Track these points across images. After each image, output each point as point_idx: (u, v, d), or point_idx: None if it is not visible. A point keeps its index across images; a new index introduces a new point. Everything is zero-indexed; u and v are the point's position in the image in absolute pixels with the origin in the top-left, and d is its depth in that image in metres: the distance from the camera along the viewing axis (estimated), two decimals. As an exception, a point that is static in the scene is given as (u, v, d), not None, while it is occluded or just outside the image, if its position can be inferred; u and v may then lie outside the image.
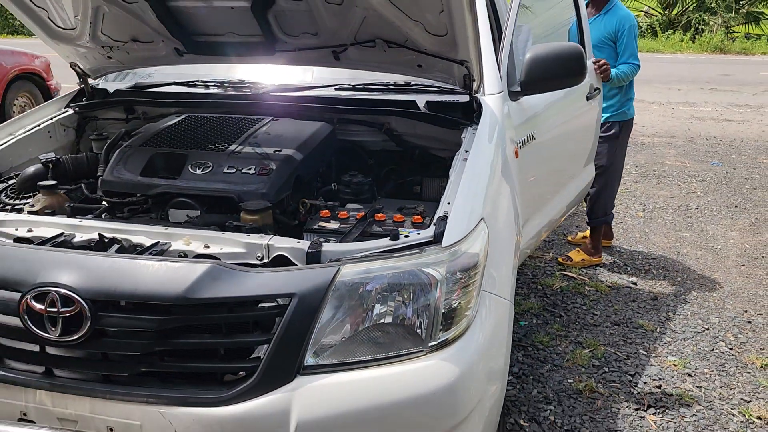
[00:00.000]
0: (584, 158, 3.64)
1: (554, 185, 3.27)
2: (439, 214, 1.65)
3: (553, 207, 3.27)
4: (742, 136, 7.87)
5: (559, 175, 3.36)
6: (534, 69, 2.43)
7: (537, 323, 3.33)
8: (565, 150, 3.36)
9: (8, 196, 2.03)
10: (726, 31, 18.00)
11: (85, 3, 2.21)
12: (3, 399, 1.52)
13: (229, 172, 1.95)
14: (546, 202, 3.16)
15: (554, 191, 3.28)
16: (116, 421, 1.45)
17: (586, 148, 3.63)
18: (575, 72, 2.47)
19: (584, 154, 3.63)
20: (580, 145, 3.54)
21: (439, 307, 1.50)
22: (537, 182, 2.92)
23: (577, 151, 3.52)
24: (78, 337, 1.43)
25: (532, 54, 2.44)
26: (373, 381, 1.45)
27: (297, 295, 1.42)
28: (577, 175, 3.57)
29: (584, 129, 3.54)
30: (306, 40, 2.21)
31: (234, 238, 1.60)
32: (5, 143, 2.26)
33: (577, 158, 3.56)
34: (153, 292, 1.42)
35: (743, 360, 3.02)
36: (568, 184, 3.45)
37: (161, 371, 1.47)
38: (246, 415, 1.41)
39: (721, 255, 4.27)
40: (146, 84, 2.61)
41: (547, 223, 3.18)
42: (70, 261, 1.48)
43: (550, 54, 2.43)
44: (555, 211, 3.28)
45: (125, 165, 2.02)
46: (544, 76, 2.45)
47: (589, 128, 3.61)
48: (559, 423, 2.55)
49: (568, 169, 3.49)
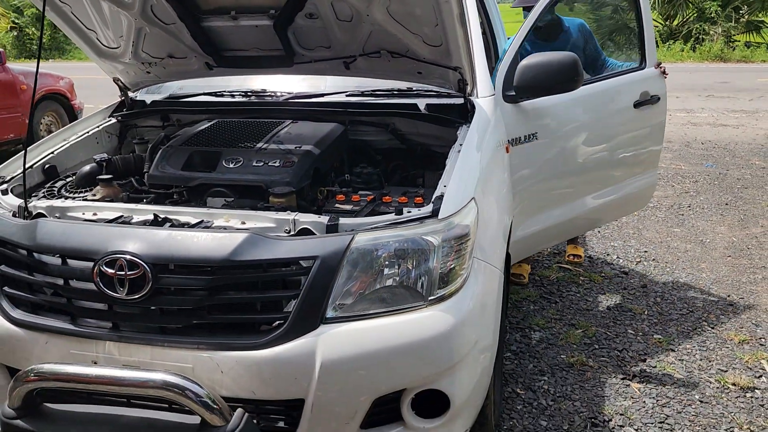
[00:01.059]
0: (629, 170, 3.50)
1: (568, 189, 3.30)
2: (436, 194, 1.96)
3: (569, 210, 3.29)
4: (737, 139, 8.14)
5: (579, 180, 3.32)
6: (526, 76, 2.71)
7: (534, 309, 3.62)
8: (583, 155, 3.29)
9: (68, 191, 2.36)
10: (726, 40, 18.29)
11: (129, 25, 2.56)
12: (78, 351, 1.84)
13: (257, 165, 2.27)
14: (556, 204, 3.24)
15: (568, 196, 3.31)
16: (172, 365, 1.76)
17: (634, 159, 3.48)
18: (569, 78, 2.68)
19: (629, 166, 3.49)
20: (621, 156, 3.42)
21: (436, 269, 1.81)
22: (540, 182, 3.13)
23: (617, 161, 3.41)
24: (141, 296, 1.75)
25: (526, 62, 2.73)
26: (383, 328, 1.76)
27: (319, 257, 1.74)
28: (613, 186, 3.48)
29: (625, 137, 3.42)
30: (320, 53, 2.55)
31: (266, 215, 1.92)
32: (61, 148, 2.61)
33: (617, 169, 3.46)
34: (202, 256, 1.74)
35: (723, 337, 3.30)
36: (593, 193, 3.40)
37: (209, 323, 1.78)
38: (279, 356, 1.72)
39: (710, 248, 4.54)
40: (179, 95, 2.96)
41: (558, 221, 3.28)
42: (133, 233, 1.81)
43: (543, 62, 2.68)
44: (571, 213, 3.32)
45: (168, 162, 2.35)
46: (535, 83, 2.71)
47: (638, 138, 3.45)
48: (552, 391, 2.84)
49: (598, 177, 3.40)
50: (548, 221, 3.28)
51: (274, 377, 1.73)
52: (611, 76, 3.50)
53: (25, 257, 1.91)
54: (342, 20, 2.35)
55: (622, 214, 3.99)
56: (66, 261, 1.84)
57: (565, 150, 3.21)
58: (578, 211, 3.42)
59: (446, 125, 2.48)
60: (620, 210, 3.80)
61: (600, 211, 3.56)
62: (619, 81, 3.45)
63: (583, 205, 3.42)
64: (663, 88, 3.48)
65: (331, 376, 1.71)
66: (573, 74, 2.69)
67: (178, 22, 2.47)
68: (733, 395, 2.80)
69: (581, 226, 3.70)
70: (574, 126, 3.25)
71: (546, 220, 3.27)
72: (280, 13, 2.35)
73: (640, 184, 3.62)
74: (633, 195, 3.63)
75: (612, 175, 3.50)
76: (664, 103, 3.49)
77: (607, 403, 2.74)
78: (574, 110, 3.21)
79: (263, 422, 1.83)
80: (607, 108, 3.36)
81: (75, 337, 1.84)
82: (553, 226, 3.33)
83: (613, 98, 3.37)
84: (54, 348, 1.86)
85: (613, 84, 3.42)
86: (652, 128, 3.51)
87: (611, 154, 3.42)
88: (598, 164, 3.40)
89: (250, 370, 1.73)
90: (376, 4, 2.21)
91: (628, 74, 3.51)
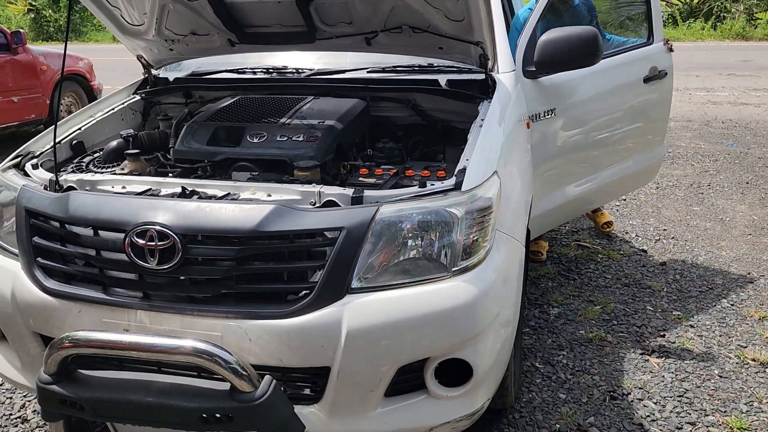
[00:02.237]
0: (640, 144, 3.59)
1: (583, 164, 3.37)
2: (459, 167, 1.98)
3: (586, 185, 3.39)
4: (758, 118, 8.03)
5: (594, 155, 3.39)
6: (546, 51, 2.72)
7: (552, 286, 3.63)
8: (603, 132, 3.36)
9: (96, 166, 2.41)
10: (748, 18, 17.92)
11: (152, 2, 2.58)
12: (110, 320, 1.89)
13: (281, 140, 2.30)
14: (572, 179, 3.32)
15: (585, 171, 3.38)
16: (202, 333, 1.80)
17: (644, 133, 3.57)
18: (588, 53, 2.70)
19: (640, 140, 3.58)
20: (632, 130, 3.49)
21: (460, 241, 1.84)
22: (558, 157, 3.16)
23: (626, 136, 3.49)
24: (171, 266, 1.79)
25: (546, 37, 2.73)
26: (407, 298, 1.79)
27: (345, 228, 1.77)
28: (624, 160, 3.56)
29: (641, 113, 3.49)
30: (342, 29, 2.56)
31: (291, 188, 1.95)
32: (87, 124, 2.65)
33: (627, 143, 3.53)
34: (231, 227, 1.78)
35: (742, 313, 3.30)
36: (608, 167, 3.47)
37: (237, 292, 1.82)
38: (306, 325, 1.76)
39: (729, 226, 4.52)
40: (202, 72, 2.98)
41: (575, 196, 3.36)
42: (163, 205, 1.85)
43: (563, 37, 2.69)
44: (587, 189, 3.41)
45: (193, 137, 2.39)
46: (555, 58, 2.72)
47: (648, 113, 3.53)
48: (570, 365, 2.87)
49: (611, 152, 3.47)
50: (566, 196, 3.33)
51: (300, 345, 1.77)
52: (621, 52, 3.53)
53: (58, 229, 1.96)
54: (364, -6, 2.35)
55: (632, 188, 4.07)
56: (98, 232, 1.89)
57: (582, 125, 3.26)
58: (594, 185, 3.48)
59: (467, 101, 2.49)
60: (632, 184, 3.86)
61: (614, 185, 3.63)
62: (629, 56, 3.50)
63: (599, 180, 3.49)
64: (670, 64, 3.56)
65: (357, 344, 1.75)
66: (593, 48, 2.71)
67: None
68: (753, 370, 2.81)
69: (596, 200, 3.77)
70: (589, 101, 3.29)
71: (564, 196, 3.32)
72: (303, -11, 2.36)
73: (650, 157, 3.71)
74: (644, 169, 3.72)
75: (625, 149, 3.57)
76: (671, 78, 3.57)
77: (626, 377, 2.77)
78: (589, 85, 3.24)
79: (290, 389, 1.87)
80: (620, 83, 3.41)
81: (107, 306, 1.89)
82: (571, 200, 3.39)
83: (625, 73, 3.42)
84: (87, 317, 1.91)
85: (624, 59, 3.47)
86: (661, 103, 3.60)
87: (624, 128, 3.49)
88: (612, 139, 3.47)
89: (277, 339, 1.77)
90: (399, -22, 2.22)
91: (637, 50, 3.56)
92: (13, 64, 6.73)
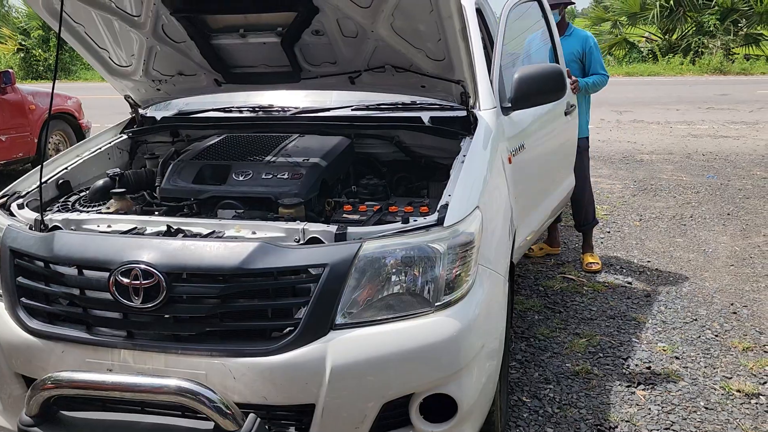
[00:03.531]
0: (566, 168, 4.06)
1: (541, 193, 3.63)
2: (441, 203, 2.02)
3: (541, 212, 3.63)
4: (738, 150, 8.20)
5: (546, 183, 3.72)
6: (522, 86, 2.82)
7: (538, 319, 3.65)
8: (549, 161, 3.73)
9: (81, 205, 2.42)
10: (725, 53, 18.41)
11: (140, 43, 2.64)
12: (93, 359, 1.88)
13: (267, 178, 2.33)
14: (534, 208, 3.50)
15: (541, 198, 3.64)
16: (186, 372, 1.79)
17: (567, 159, 4.05)
18: (557, 88, 2.87)
19: (566, 165, 4.05)
20: (561, 157, 3.95)
21: (443, 275, 1.86)
22: (527, 189, 3.28)
23: (559, 162, 3.93)
24: (155, 304, 1.79)
25: (520, 74, 2.83)
26: (391, 333, 1.80)
27: (328, 265, 1.79)
28: (560, 184, 3.96)
29: (565, 141, 3.96)
30: (326, 68, 2.62)
31: (276, 225, 1.98)
32: (74, 163, 2.67)
33: (561, 168, 3.97)
34: (215, 265, 1.80)
35: (727, 344, 3.32)
36: (552, 192, 3.83)
37: (221, 330, 1.83)
38: (290, 362, 1.76)
39: (712, 257, 4.58)
40: (188, 111, 3.03)
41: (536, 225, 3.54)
42: (148, 244, 1.87)
43: (535, 73, 2.82)
44: (543, 216, 3.65)
45: (179, 175, 2.41)
46: (530, 93, 2.84)
47: (569, 141, 4.02)
48: (557, 399, 2.87)
49: (553, 178, 3.86)
50: (532, 225, 3.46)
51: (285, 383, 1.77)
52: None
53: (42, 268, 1.97)
54: (347, 36, 2.42)
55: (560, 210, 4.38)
56: (82, 271, 1.89)
57: (540, 157, 3.51)
58: (547, 210, 3.74)
59: (450, 137, 2.55)
60: (561, 205, 4.15)
61: (554, 209, 3.93)
62: None
63: (549, 204, 3.77)
64: (575, 98, 4.08)
65: (341, 381, 1.75)
66: (561, 84, 2.88)
67: (188, 41, 2.55)
68: (738, 401, 2.82)
69: (546, 223, 4.02)
70: (545, 135, 3.59)
71: (531, 224, 3.42)
72: (288, 31, 2.42)
73: (570, 181, 4.16)
74: (568, 192, 4.14)
75: (559, 175, 3.99)
76: (576, 111, 4.10)
77: (612, 410, 2.77)
78: (540, 120, 3.47)
79: (275, 427, 1.87)
80: (555, 116, 3.74)
81: (90, 346, 1.89)
82: (536, 227, 3.56)
83: (557, 107, 3.68)
84: (70, 357, 1.90)
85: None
86: (573, 134, 4.08)
87: (559, 157, 3.92)
88: (554, 167, 3.89)
89: (261, 376, 1.77)
90: (380, 20, 2.28)
91: None
92: (1, 104, 6.76)
